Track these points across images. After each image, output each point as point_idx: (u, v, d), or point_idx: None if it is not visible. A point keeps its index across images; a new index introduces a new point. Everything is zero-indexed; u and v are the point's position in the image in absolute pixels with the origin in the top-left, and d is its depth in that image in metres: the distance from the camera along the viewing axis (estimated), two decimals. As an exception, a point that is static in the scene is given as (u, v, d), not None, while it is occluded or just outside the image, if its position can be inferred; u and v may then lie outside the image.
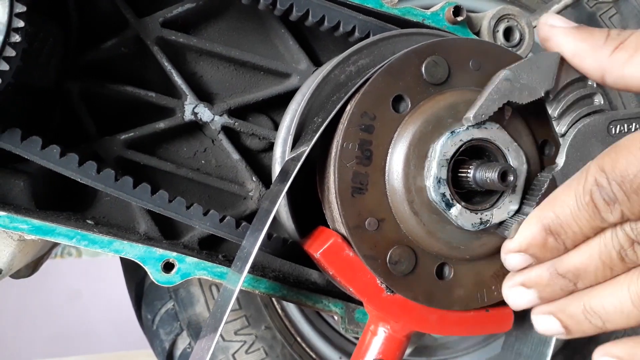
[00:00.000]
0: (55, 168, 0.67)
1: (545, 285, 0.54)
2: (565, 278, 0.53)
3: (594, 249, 0.51)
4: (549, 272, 0.53)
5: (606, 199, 0.48)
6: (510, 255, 0.55)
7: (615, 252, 0.50)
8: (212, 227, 0.71)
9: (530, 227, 0.53)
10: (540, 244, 0.52)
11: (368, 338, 0.64)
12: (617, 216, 0.49)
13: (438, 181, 0.57)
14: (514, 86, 0.56)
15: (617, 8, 1.17)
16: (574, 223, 0.51)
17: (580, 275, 0.52)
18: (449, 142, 0.57)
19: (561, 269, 0.53)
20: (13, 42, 0.59)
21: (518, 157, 0.59)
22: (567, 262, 0.52)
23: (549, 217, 0.52)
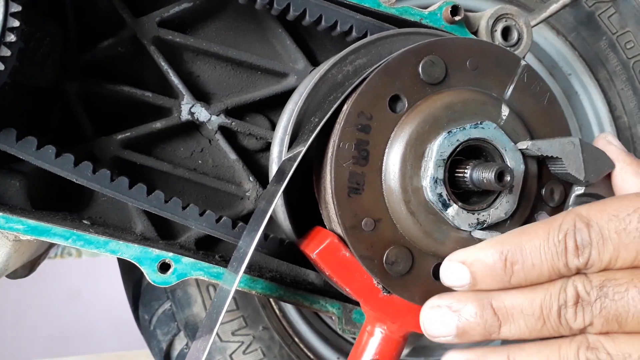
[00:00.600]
0: (51, 168, 0.66)
1: (470, 315, 0.50)
2: (495, 316, 0.49)
3: (537, 295, 0.48)
4: (481, 302, 0.50)
5: (578, 242, 0.47)
6: (452, 264, 0.51)
7: (557, 305, 0.47)
8: (208, 227, 0.71)
9: (488, 245, 0.50)
10: (489, 265, 0.49)
11: (365, 338, 0.64)
12: (583, 262, 0.47)
13: (435, 181, 0.57)
14: (573, 154, 0.59)
15: (616, 7, 1.17)
16: (536, 257, 0.48)
17: (512, 318, 0.49)
18: (445, 142, 0.57)
19: (496, 304, 0.49)
20: (8, 41, 0.59)
21: (515, 158, 0.59)
22: (505, 299, 0.49)
23: (512, 242, 0.49)
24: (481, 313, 0.50)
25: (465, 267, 0.51)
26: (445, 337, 0.52)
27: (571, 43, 1.22)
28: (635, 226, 0.46)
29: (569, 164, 0.58)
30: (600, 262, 0.47)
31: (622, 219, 0.47)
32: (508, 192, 0.58)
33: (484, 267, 0.50)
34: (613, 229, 0.47)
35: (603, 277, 0.47)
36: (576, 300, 0.47)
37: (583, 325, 0.47)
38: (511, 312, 0.49)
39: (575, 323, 0.47)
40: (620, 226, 0.47)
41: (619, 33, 1.18)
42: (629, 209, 0.47)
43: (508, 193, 0.58)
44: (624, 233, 0.46)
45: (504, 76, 0.63)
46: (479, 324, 0.50)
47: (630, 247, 0.47)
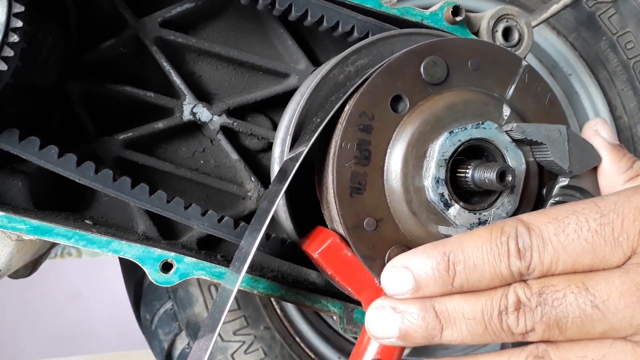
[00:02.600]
0: (54, 168, 0.66)
1: (414, 316, 0.50)
2: (437, 319, 0.49)
3: (479, 301, 0.49)
4: (424, 304, 0.50)
5: (519, 245, 0.48)
6: (394, 270, 0.51)
7: (497, 311, 0.48)
8: (210, 227, 0.71)
9: (430, 247, 0.51)
10: (432, 268, 0.49)
11: (366, 338, 0.64)
12: (524, 265, 0.48)
13: (436, 181, 0.57)
14: (559, 142, 0.58)
15: (616, 8, 1.17)
16: (477, 258, 0.48)
17: (453, 322, 0.49)
18: (447, 142, 0.57)
19: (438, 307, 0.50)
20: (11, 42, 0.59)
21: (516, 158, 0.59)
22: (448, 302, 0.50)
23: (454, 244, 0.50)
24: (424, 315, 0.50)
25: (407, 271, 0.50)
26: (389, 338, 0.52)
27: (572, 43, 1.22)
28: (573, 228, 0.47)
29: (554, 152, 0.58)
30: (542, 266, 0.48)
31: (560, 221, 0.48)
32: (509, 192, 0.59)
33: (426, 269, 0.50)
34: (552, 231, 0.48)
35: (542, 283, 0.48)
36: (517, 306, 0.48)
37: (525, 330, 0.48)
38: (453, 316, 0.49)
39: (517, 328, 0.48)
40: (559, 228, 0.47)
41: (619, 33, 1.19)
42: (567, 212, 0.48)
43: (509, 193, 0.59)
44: (563, 235, 0.47)
45: (505, 76, 0.63)
46: (421, 326, 0.50)
47: (569, 249, 0.47)
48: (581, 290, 0.47)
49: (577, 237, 0.47)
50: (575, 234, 0.47)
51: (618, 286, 0.46)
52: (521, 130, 0.58)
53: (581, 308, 0.46)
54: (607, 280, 0.47)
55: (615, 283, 0.46)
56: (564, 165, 0.58)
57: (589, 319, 0.46)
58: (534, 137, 0.58)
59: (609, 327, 0.46)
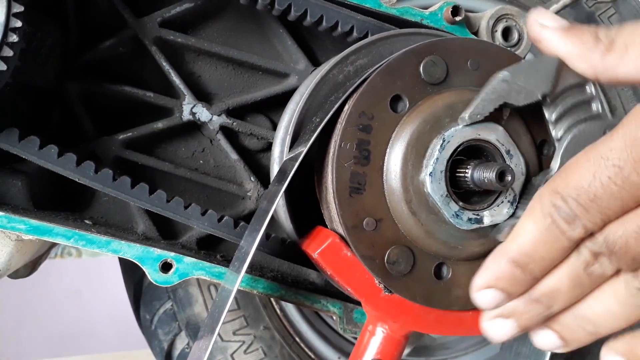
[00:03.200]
0: (54, 168, 0.66)
1: (522, 312, 0.54)
2: (540, 303, 0.53)
3: (562, 272, 0.52)
4: (523, 299, 0.53)
5: (566, 218, 0.49)
6: (481, 293, 0.54)
7: (582, 270, 0.51)
8: (210, 227, 0.71)
9: (495, 260, 0.53)
10: (509, 277, 0.52)
11: (366, 338, 0.64)
12: (581, 231, 0.49)
13: (436, 181, 0.57)
14: (511, 87, 0.56)
15: (615, 8, 1.17)
16: (540, 249, 0.51)
17: (554, 298, 0.52)
18: (446, 142, 0.57)
19: (534, 295, 0.53)
20: (10, 42, 0.59)
21: (516, 157, 0.59)
22: (539, 288, 0.53)
23: (513, 249, 0.52)
24: (529, 308, 0.53)
25: (491, 289, 0.53)
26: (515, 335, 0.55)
27: (571, 43, 1.22)
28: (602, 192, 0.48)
29: (517, 99, 0.56)
30: (596, 225, 0.49)
31: (588, 189, 0.48)
32: (509, 192, 0.58)
33: (505, 280, 0.52)
34: (587, 199, 0.48)
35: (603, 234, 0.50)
36: (595, 257, 0.50)
37: (613, 270, 0.51)
38: (551, 295, 0.52)
39: (606, 272, 0.51)
40: (590, 195, 0.48)
41: (619, 33, 1.18)
42: (589, 177, 0.49)
43: (509, 192, 0.59)
44: (598, 199, 0.48)
45: (505, 76, 0.63)
46: (533, 315, 0.54)
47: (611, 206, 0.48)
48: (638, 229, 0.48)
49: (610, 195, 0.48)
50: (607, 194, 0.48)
51: None
52: (475, 113, 0.56)
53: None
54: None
55: None
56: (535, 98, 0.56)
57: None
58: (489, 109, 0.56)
59: None
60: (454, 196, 0.58)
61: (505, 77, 0.56)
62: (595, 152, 0.49)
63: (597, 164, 0.48)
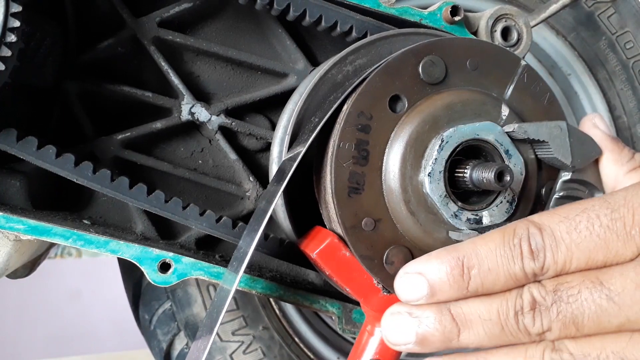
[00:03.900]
0: (51, 168, 0.66)
1: (430, 320, 0.50)
2: (454, 321, 0.49)
3: (494, 302, 0.49)
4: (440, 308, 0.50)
5: (532, 246, 0.48)
6: (408, 277, 0.51)
7: (513, 311, 0.48)
8: (208, 227, 0.71)
9: (443, 252, 0.51)
10: (446, 273, 0.49)
11: (365, 338, 0.64)
12: (538, 265, 0.48)
13: (435, 181, 0.57)
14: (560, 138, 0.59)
15: (615, 7, 1.17)
16: (492, 261, 0.49)
17: (470, 324, 0.49)
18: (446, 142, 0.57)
19: (454, 310, 0.50)
20: (9, 41, 0.59)
21: (514, 158, 0.59)
22: (463, 305, 0.50)
23: (467, 248, 0.50)
24: (440, 319, 0.50)
25: (422, 277, 0.51)
26: (406, 344, 0.52)
27: (571, 43, 1.22)
28: (585, 225, 0.47)
29: (556, 148, 0.58)
30: (556, 265, 0.48)
31: (571, 219, 0.48)
32: (508, 192, 0.58)
33: (441, 274, 0.50)
34: (564, 229, 0.48)
35: (556, 281, 0.48)
36: (532, 305, 0.48)
37: (542, 330, 0.48)
38: (469, 318, 0.49)
39: (533, 328, 0.48)
40: (570, 226, 0.48)
41: (618, 33, 1.19)
42: (578, 210, 0.48)
43: (508, 193, 0.58)
44: (575, 233, 0.47)
45: (504, 76, 0.63)
46: (438, 330, 0.50)
47: (582, 246, 0.47)
48: (596, 285, 0.47)
49: (589, 234, 0.47)
50: (587, 231, 0.47)
51: (633, 278, 0.46)
52: (523, 130, 0.58)
53: (597, 303, 0.46)
54: (621, 274, 0.47)
55: (630, 275, 0.46)
56: (566, 161, 0.59)
57: (605, 313, 0.46)
58: (535, 135, 0.58)
59: (626, 319, 0.46)
60: (452, 196, 0.57)
61: (562, 126, 0.59)
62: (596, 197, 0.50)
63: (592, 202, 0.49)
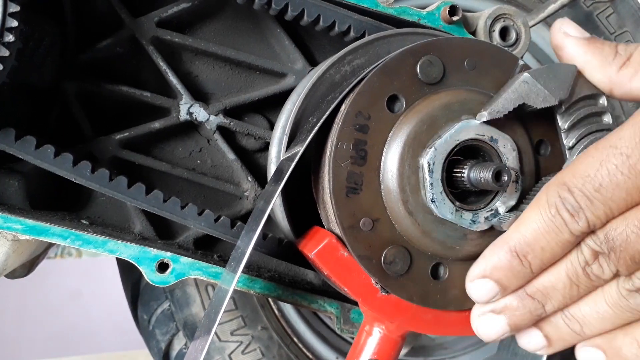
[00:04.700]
0: (50, 168, 0.66)
1: (515, 309, 0.53)
2: (534, 299, 0.52)
3: (561, 268, 0.51)
4: (517, 294, 0.53)
5: (570, 210, 0.49)
6: (476, 283, 0.54)
7: (581, 268, 0.51)
8: (207, 227, 0.71)
9: (495, 249, 0.53)
10: (506, 267, 0.52)
11: (363, 338, 0.64)
12: (584, 225, 0.49)
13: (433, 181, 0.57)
14: (531, 90, 0.57)
15: (614, 7, 1.17)
16: (541, 240, 0.50)
17: (549, 295, 0.52)
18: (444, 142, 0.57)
19: (530, 291, 0.52)
20: (7, 41, 0.59)
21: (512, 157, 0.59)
22: (536, 283, 0.52)
23: (514, 237, 0.51)
24: (522, 304, 0.53)
25: (487, 279, 0.53)
26: (504, 335, 0.55)
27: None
28: (608, 180, 0.48)
29: (535, 101, 0.57)
30: (599, 219, 0.49)
31: (594, 177, 0.49)
32: (505, 191, 0.58)
33: (502, 270, 0.52)
34: (592, 188, 0.49)
35: (605, 230, 0.50)
36: (594, 256, 0.50)
37: (612, 273, 0.50)
38: (546, 292, 0.52)
39: (604, 274, 0.50)
40: (596, 184, 0.48)
41: (617, 33, 1.19)
42: (595, 165, 0.49)
43: (506, 192, 0.58)
44: (603, 189, 0.48)
45: (502, 76, 0.62)
46: (524, 313, 0.53)
47: (615, 196, 0.48)
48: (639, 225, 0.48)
49: (616, 186, 0.48)
50: (613, 184, 0.48)
51: None
52: (495, 110, 0.57)
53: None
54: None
55: None
56: (550, 102, 0.57)
57: None
58: (509, 106, 0.57)
59: None
60: (450, 196, 0.57)
61: (526, 79, 0.57)
62: (604, 142, 0.49)
63: (605, 153, 0.49)
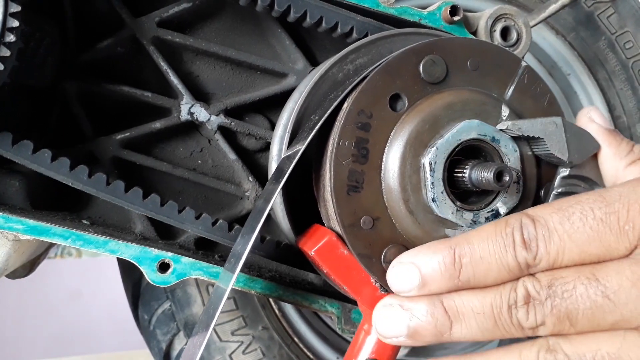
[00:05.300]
0: (47, 172, 0.66)
1: (422, 313, 0.49)
2: (446, 314, 0.49)
3: (489, 294, 0.48)
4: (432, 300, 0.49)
5: (525, 235, 0.48)
6: (400, 267, 0.51)
7: (507, 305, 0.48)
8: (204, 230, 0.71)
9: (435, 243, 0.51)
10: (438, 262, 0.49)
11: (361, 337, 0.64)
12: (530, 256, 0.47)
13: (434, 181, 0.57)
14: (554, 134, 0.58)
15: (615, 7, 1.17)
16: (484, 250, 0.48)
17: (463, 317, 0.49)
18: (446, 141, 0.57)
19: (447, 303, 0.49)
20: (8, 41, 0.59)
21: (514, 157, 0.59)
22: (456, 297, 0.49)
23: (459, 238, 0.50)
24: (432, 311, 0.49)
25: (414, 267, 0.50)
26: (397, 337, 0.51)
27: (570, 43, 1.22)
28: (578, 217, 0.47)
29: (552, 145, 0.58)
30: (548, 256, 0.47)
31: (564, 210, 0.48)
32: (507, 192, 0.58)
33: (433, 264, 0.49)
34: (557, 220, 0.47)
35: (550, 276, 0.48)
36: (527, 299, 0.47)
37: (535, 324, 0.47)
38: (462, 311, 0.49)
39: (527, 322, 0.47)
40: (563, 217, 0.47)
41: (618, 33, 1.19)
42: (571, 202, 0.48)
43: (506, 193, 0.58)
44: (568, 223, 0.47)
45: (505, 77, 0.63)
46: (430, 323, 0.49)
47: (575, 238, 0.47)
48: (591, 281, 0.46)
49: (582, 225, 0.47)
50: (581, 222, 0.47)
51: (629, 276, 0.46)
52: (517, 127, 0.58)
53: (592, 299, 0.46)
54: (617, 271, 0.46)
55: (626, 273, 0.46)
56: (563, 157, 0.58)
57: (600, 310, 0.46)
58: (530, 132, 0.58)
59: (620, 317, 0.46)
60: (451, 196, 0.57)
61: (557, 122, 0.58)
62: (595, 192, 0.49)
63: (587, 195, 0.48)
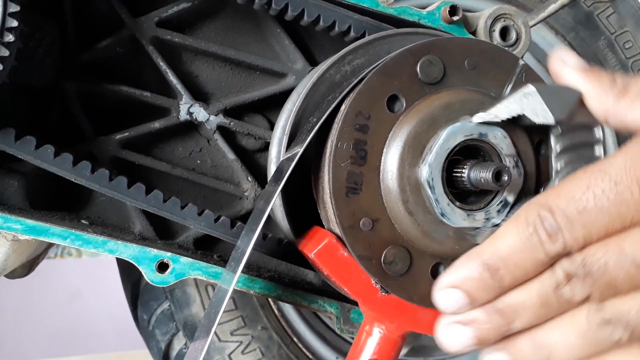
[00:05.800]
0: (50, 168, 0.66)
1: (482, 322, 0.51)
2: (502, 315, 0.51)
3: (532, 288, 0.50)
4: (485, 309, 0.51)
5: (548, 230, 0.48)
6: (444, 292, 0.52)
7: (552, 290, 0.49)
8: (206, 227, 0.71)
9: (467, 260, 0.51)
10: (477, 279, 0.50)
11: (363, 338, 0.64)
12: (560, 247, 0.48)
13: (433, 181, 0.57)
14: (532, 103, 0.56)
15: (614, 7, 1.17)
16: (515, 257, 0.49)
17: (518, 313, 0.51)
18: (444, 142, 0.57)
19: (499, 306, 0.51)
20: (7, 41, 0.59)
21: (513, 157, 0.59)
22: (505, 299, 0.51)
23: (487, 251, 0.50)
24: (490, 319, 0.51)
25: (456, 289, 0.51)
26: (467, 348, 0.53)
27: (570, 43, 1.22)
28: (593, 203, 0.48)
29: (533, 115, 0.56)
30: (577, 242, 0.48)
31: (579, 200, 0.48)
32: (505, 192, 0.58)
33: (472, 282, 0.51)
34: (574, 210, 0.48)
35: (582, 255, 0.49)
36: (568, 278, 0.49)
37: (583, 296, 0.49)
38: (514, 309, 0.51)
39: (576, 297, 0.49)
40: (579, 206, 0.48)
41: (617, 33, 1.18)
42: (582, 188, 0.48)
43: (506, 193, 0.58)
44: (586, 212, 0.48)
45: (503, 76, 0.63)
46: (491, 328, 0.52)
47: (597, 222, 0.48)
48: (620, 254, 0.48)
49: (599, 210, 0.47)
50: (597, 208, 0.48)
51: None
52: (492, 115, 0.57)
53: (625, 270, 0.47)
54: None
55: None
56: (548, 120, 0.56)
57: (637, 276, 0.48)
58: (507, 114, 0.57)
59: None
60: (450, 196, 0.57)
61: (530, 91, 0.56)
62: (594, 166, 0.49)
63: (594, 177, 0.48)
